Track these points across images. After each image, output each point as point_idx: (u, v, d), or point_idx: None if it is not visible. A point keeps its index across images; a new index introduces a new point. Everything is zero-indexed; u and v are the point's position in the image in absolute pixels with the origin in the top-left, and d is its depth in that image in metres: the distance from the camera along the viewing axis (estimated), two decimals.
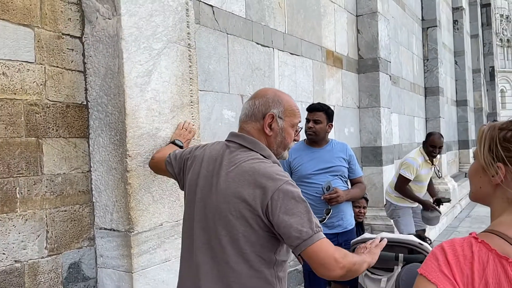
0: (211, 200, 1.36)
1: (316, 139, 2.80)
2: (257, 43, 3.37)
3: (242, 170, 1.33)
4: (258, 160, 1.35)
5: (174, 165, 1.63)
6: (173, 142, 1.99)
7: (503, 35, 37.16)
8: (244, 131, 1.44)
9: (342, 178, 2.83)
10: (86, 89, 2.03)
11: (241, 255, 1.30)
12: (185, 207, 1.50)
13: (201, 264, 1.35)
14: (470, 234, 0.90)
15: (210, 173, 1.40)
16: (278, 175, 1.30)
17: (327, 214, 2.78)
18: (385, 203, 4.44)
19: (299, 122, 1.49)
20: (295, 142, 1.50)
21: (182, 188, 1.63)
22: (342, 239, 2.94)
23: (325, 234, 3.05)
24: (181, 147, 1.99)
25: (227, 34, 3.04)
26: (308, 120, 2.77)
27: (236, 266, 1.30)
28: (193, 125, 2.12)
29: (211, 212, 1.36)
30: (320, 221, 2.78)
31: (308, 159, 2.78)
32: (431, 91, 8.28)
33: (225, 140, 1.47)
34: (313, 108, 2.79)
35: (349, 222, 2.92)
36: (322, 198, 2.70)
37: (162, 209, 2.04)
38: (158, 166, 1.80)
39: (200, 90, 2.70)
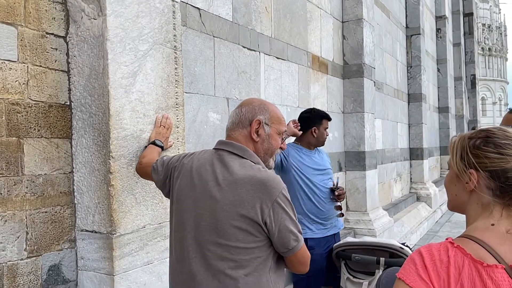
0: (205, 210, 1.36)
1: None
2: (244, 47, 3.38)
3: (237, 178, 1.33)
4: (251, 168, 1.36)
5: (160, 172, 1.62)
6: (153, 143, 1.98)
7: (485, 44, 38.03)
8: (232, 138, 1.45)
9: (331, 179, 3.01)
10: (69, 89, 2.01)
11: (237, 263, 1.31)
12: (173, 217, 1.48)
13: (196, 274, 1.35)
14: (447, 239, 0.93)
15: (203, 182, 1.40)
16: (274, 181, 1.32)
17: (341, 209, 2.95)
18: None
19: (285, 131, 1.51)
20: (281, 150, 1.52)
21: (167, 195, 1.62)
22: (337, 240, 3.05)
23: (324, 237, 3.10)
24: (161, 147, 1.99)
25: (214, 37, 3.05)
26: (325, 128, 3.03)
27: (233, 273, 1.31)
28: (170, 120, 2.11)
29: (206, 222, 1.36)
30: (341, 216, 3.00)
31: (308, 160, 2.93)
32: (414, 97, 8.42)
33: (214, 148, 1.48)
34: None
35: (340, 222, 3.09)
36: (336, 193, 2.87)
37: (145, 211, 2.03)
38: (145, 171, 1.79)
39: (186, 93, 2.70)
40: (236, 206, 1.31)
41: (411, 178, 8.50)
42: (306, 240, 2.80)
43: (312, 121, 3.02)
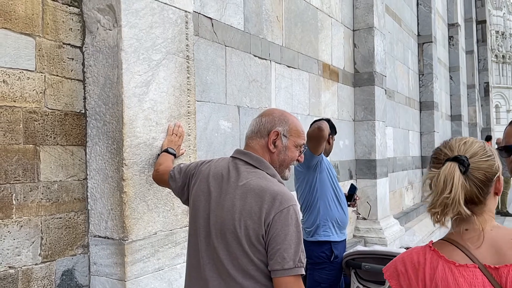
0: (217, 217, 1.38)
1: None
2: (255, 56, 3.41)
3: (249, 188, 1.34)
4: (265, 179, 1.37)
5: (178, 179, 1.64)
6: (166, 151, 2.00)
7: (498, 51, 37.58)
8: (250, 147, 1.47)
9: None
10: (84, 98, 2.05)
11: (245, 271, 1.31)
12: (190, 223, 1.51)
13: (209, 280, 1.37)
14: (429, 243, 1.06)
15: (216, 190, 1.42)
16: (284, 195, 1.31)
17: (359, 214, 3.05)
18: None
19: (304, 144, 1.51)
20: (298, 162, 1.52)
21: (185, 202, 1.64)
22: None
23: (340, 241, 3.16)
24: (174, 155, 2.01)
25: (225, 46, 3.08)
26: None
27: (243, 282, 1.31)
28: (182, 128, 2.14)
29: (216, 229, 1.37)
30: (363, 219, 3.03)
31: (331, 165, 3.05)
32: (426, 105, 8.36)
33: (231, 157, 1.50)
34: None
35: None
36: (357, 198, 3.06)
37: (157, 218, 2.06)
38: (162, 179, 1.81)
39: (197, 101, 2.73)
40: (245, 216, 1.32)
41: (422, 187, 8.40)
42: (329, 243, 2.83)
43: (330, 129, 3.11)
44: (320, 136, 2.73)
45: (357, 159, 5.16)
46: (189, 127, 2.24)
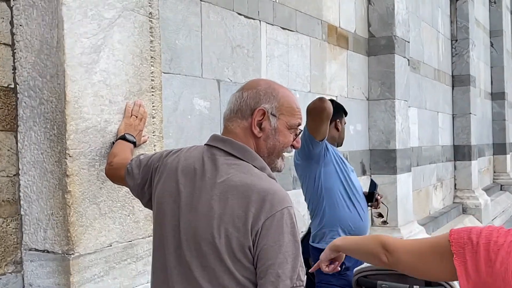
0: (189, 224, 1.38)
1: None
2: (239, 14, 3.39)
3: (230, 186, 1.34)
4: (251, 174, 1.37)
5: (137, 175, 1.64)
6: (123, 138, 1.99)
7: None
8: (230, 132, 1.46)
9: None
10: (14, 68, 2.01)
11: None
12: (155, 232, 1.51)
13: None
14: None
15: (188, 188, 1.42)
16: (277, 195, 1.32)
17: (382, 216, 3.10)
18: None
19: (299, 124, 1.50)
20: (293, 148, 1.51)
21: (147, 205, 1.64)
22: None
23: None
24: (133, 143, 2.00)
25: (201, 0, 3.05)
26: (345, 123, 3.24)
27: None
28: (143, 108, 2.12)
29: (189, 240, 1.37)
30: (383, 223, 3.08)
31: (341, 155, 3.09)
32: (460, 80, 8.43)
33: (206, 145, 1.49)
34: None
35: None
36: (378, 197, 3.12)
37: (112, 226, 2.05)
38: (118, 174, 1.79)
39: (164, 73, 2.70)
40: (225, 223, 1.31)
41: (455, 184, 8.53)
42: None
43: (334, 113, 3.11)
44: (322, 109, 2.73)
45: (371, 149, 5.18)
46: (153, 106, 2.23)
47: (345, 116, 3.25)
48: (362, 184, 3.46)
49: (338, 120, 3.12)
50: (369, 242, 1.49)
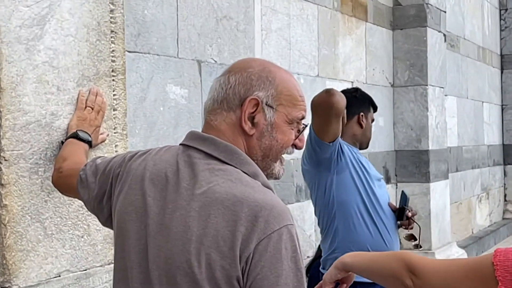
0: (159, 249, 1.37)
1: None
2: None
3: (214, 199, 1.33)
4: (241, 183, 1.36)
5: (92, 185, 1.63)
6: (75, 136, 1.98)
7: None
8: (212, 128, 1.45)
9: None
10: None
11: None
12: (116, 259, 1.50)
13: None
14: None
15: (158, 202, 1.41)
16: (274, 210, 1.31)
17: (415, 239, 3.29)
18: None
19: (303, 117, 1.49)
20: (295, 149, 1.52)
21: (105, 223, 1.63)
22: None
23: (372, 283, 3.25)
24: (89, 142, 2.00)
25: None
26: (372, 120, 3.26)
27: None
28: (102, 98, 2.12)
29: (160, 269, 1.37)
30: (416, 246, 3.30)
31: (365, 161, 3.12)
32: (511, 61, 8.45)
33: (181, 145, 1.48)
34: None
35: None
36: (409, 214, 3.11)
37: (61, 250, 2.04)
38: (68, 183, 1.78)
39: (129, 52, 2.70)
40: (207, 246, 1.30)
41: (505, 195, 8.55)
42: (355, 284, 2.88)
43: (358, 104, 3.15)
44: (329, 105, 2.71)
45: (397, 150, 5.19)
46: (114, 95, 2.22)
47: (375, 111, 3.25)
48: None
49: (362, 113, 3.11)
50: (389, 261, 1.45)
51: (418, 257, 1.40)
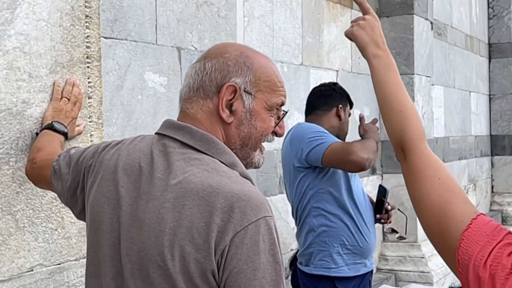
0: (132, 242, 1.38)
1: None
2: None
3: (189, 190, 1.33)
4: (217, 173, 1.36)
5: (66, 176, 1.64)
6: (50, 128, 1.98)
7: None
8: (188, 116, 1.46)
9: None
10: None
11: None
12: (89, 253, 1.51)
13: None
14: None
15: (131, 194, 1.42)
16: (251, 201, 1.31)
17: (396, 232, 3.36)
18: None
19: (282, 103, 1.50)
20: (275, 136, 1.53)
21: (79, 216, 1.65)
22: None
23: (353, 277, 3.29)
24: (64, 134, 2.00)
25: None
26: (349, 114, 3.34)
27: None
28: (77, 87, 2.12)
29: (133, 262, 1.37)
30: (399, 238, 3.38)
31: None
32: (499, 50, 8.52)
33: (156, 134, 1.49)
34: None
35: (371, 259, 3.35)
36: (388, 207, 3.15)
37: (33, 244, 2.04)
38: (42, 175, 1.80)
39: (105, 38, 2.70)
40: (181, 239, 1.30)
41: (492, 187, 8.63)
42: (331, 280, 2.89)
43: (337, 97, 3.22)
44: (361, 166, 2.88)
45: (383, 140, 5.20)
46: (89, 83, 2.22)
47: (351, 107, 3.30)
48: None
49: (341, 106, 3.16)
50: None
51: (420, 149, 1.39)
